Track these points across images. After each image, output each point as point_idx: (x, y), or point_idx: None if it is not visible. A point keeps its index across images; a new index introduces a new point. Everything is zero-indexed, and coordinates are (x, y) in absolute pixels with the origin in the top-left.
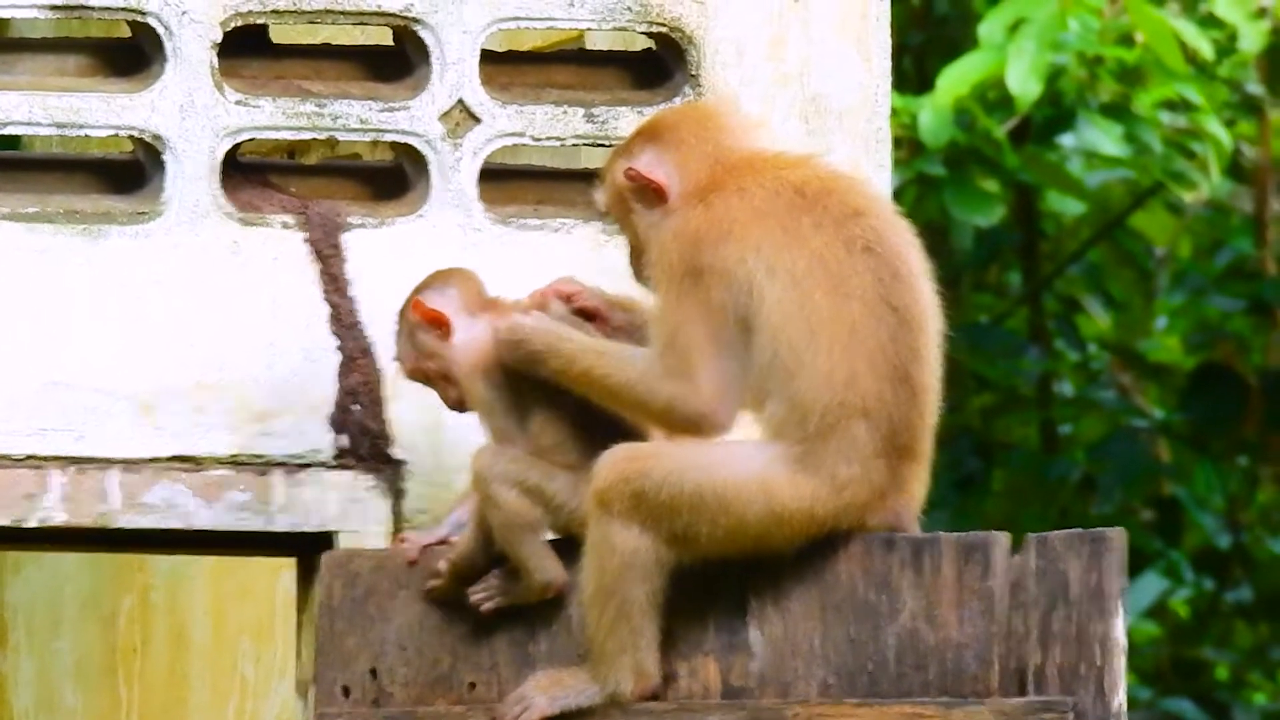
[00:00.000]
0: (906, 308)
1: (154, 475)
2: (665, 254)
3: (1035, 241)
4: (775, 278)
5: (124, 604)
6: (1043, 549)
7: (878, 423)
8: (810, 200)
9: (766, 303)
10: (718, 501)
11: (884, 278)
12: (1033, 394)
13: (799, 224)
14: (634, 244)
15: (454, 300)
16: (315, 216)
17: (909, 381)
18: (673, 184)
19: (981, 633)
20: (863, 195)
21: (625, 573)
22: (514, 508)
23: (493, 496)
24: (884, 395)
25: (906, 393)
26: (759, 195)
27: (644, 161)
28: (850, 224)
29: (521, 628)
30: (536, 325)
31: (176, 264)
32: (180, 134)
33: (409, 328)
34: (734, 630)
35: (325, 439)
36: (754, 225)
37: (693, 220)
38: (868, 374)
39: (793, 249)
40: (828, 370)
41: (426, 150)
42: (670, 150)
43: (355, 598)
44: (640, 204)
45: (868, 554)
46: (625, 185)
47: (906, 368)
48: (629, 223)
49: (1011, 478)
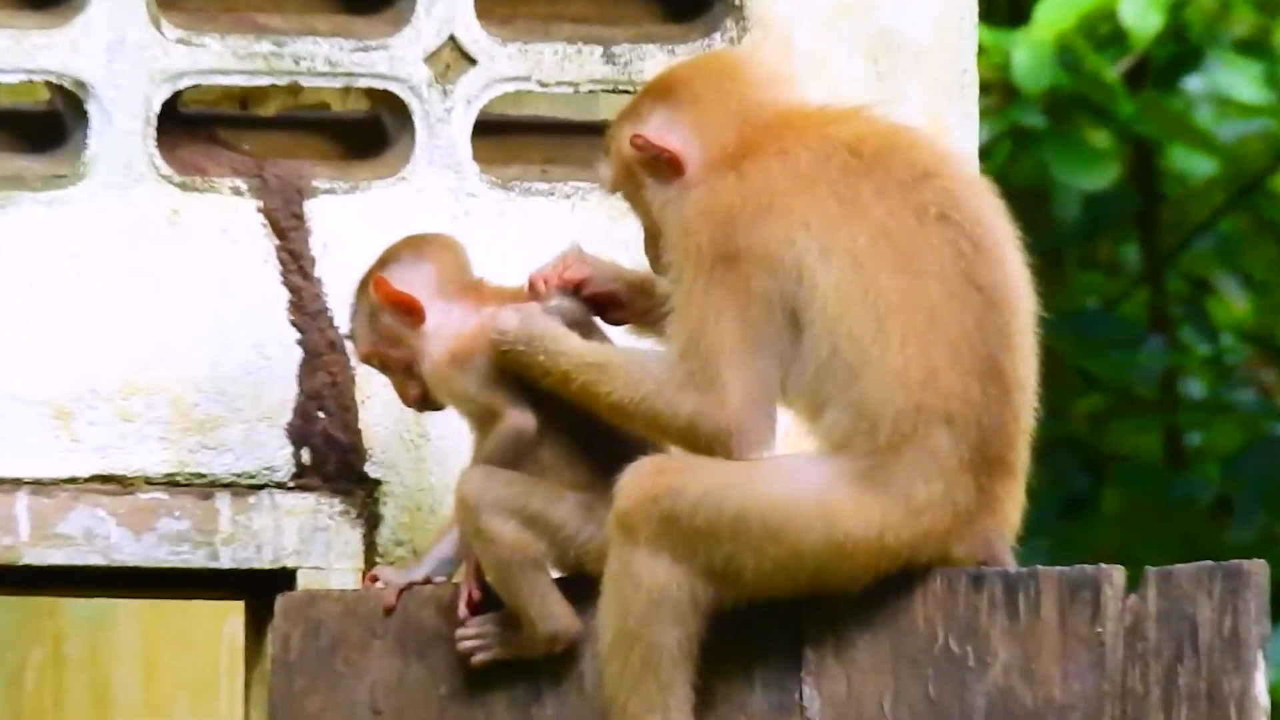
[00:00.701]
0: (994, 285)
1: (70, 499)
2: (690, 235)
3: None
4: (830, 259)
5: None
6: (1165, 586)
7: (963, 429)
8: (868, 161)
9: (821, 290)
10: (765, 527)
11: (965, 250)
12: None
13: (856, 191)
14: (648, 226)
15: (428, 279)
16: (273, 180)
17: (1000, 377)
18: (690, 151)
19: (1091, 691)
20: (932, 152)
21: (653, 613)
22: (511, 542)
23: (484, 530)
24: (970, 394)
25: (998, 390)
26: (804, 158)
27: (654, 126)
28: (920, 187)
29: (524, 685)
30: (523, 329)
31: (102, 237)
32: (108, 79)
33: (369, 306)
34: (785, 688)
35: (282, 454)
36: (801, 196)
37: (723, 193)
38: (950, 369)
39: (851, 222)
40: (900, 367)
41: (410, 98)
42: (685, 110)
43: (318, 649)
44: (653, 177)
45: (950, 593)
46: (633, 156)
47: (997, 359)
48: (640, 201)
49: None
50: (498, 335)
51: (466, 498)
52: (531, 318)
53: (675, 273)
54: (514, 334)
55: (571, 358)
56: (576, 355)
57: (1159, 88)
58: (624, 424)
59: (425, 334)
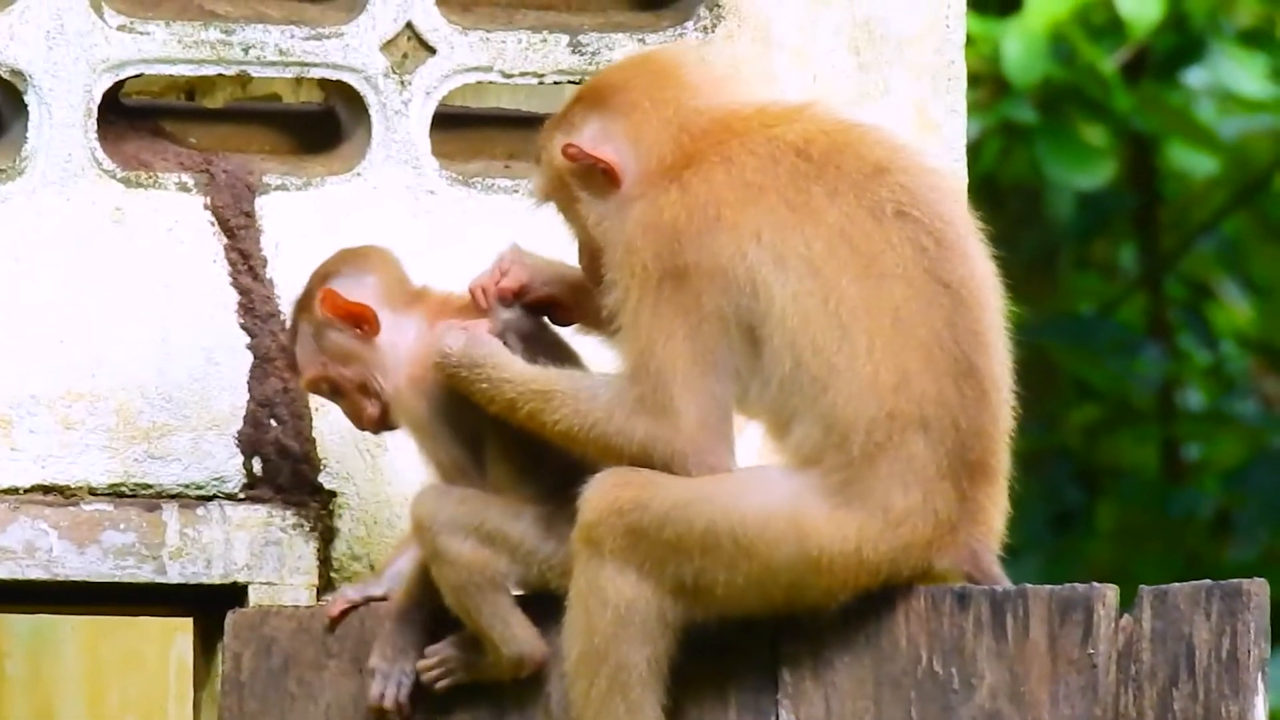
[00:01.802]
0: (961, 281)
1: (10, 511)
2: (633, 253)
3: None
4: (786, 268)
5: None
6: (1161, 606)
7: (940, 434)
8: (818, 162)
9: (778, 302)
10: (736, 542)
11: (927, 246)
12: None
13: (808, 195)
14: (584, 241)
15: (375, 290)
16: (221, 176)
17: (976, 376)
18: (626, 163)
19: (1082, 715)
20: (884, 146)
21: (620, 631)
22: (469, 562)
23: (441, 551)
24: (946, 397)
25: (974, 391)
26: (750, 165)
27: (588, 136)
28: (874, 185)
29: (486, 707)
30: (465, 354)
31: (41, 236)
32: (47, 68)
33: (314, 325)
34: (761, 710)
35: (232, 464)
36: (749, 205)
37: (666, 207)
38: (922, 372)
39: (805, 228)
40: (869, 374)
41: (365, 90)
42: (620, 118)
43: (271, 669)
44: (586, 191)
45: (935, 612)
46: (566, 166)
47: (970, 358)
48: (575, 214)
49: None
50: (440, 358)
51: (422, 519)
52: (475, 342)
53: (620, 292)
54: (456, 358)
55: (516, 385)
56: (521, 382)
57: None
58: (575, 450)
59: (380, 347)
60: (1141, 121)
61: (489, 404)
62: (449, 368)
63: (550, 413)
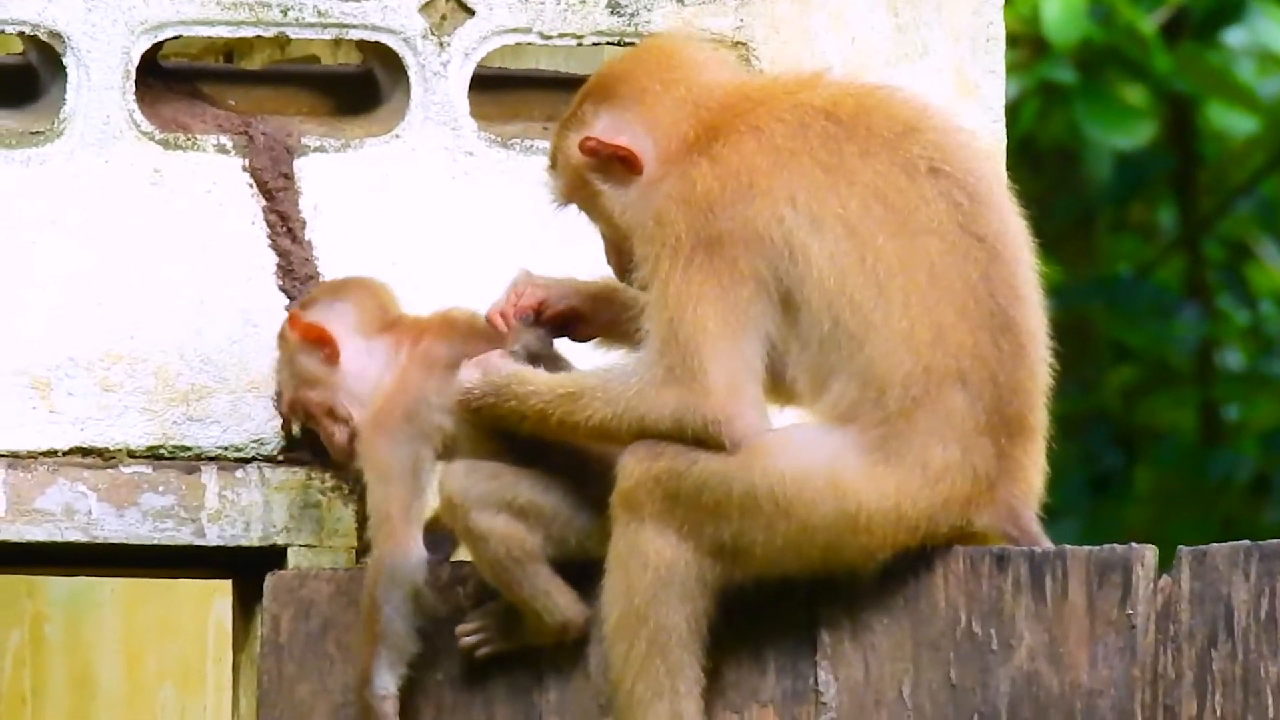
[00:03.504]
0: (995, 235)
1: (49, 473)
2: (665, 226)
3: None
4: (822, 230)
5: (10, 640)
6: (1199, 567)
7: (978, 387)
8: (848, 124)
9: (815, 263)
10: (774, 502)
11: (960, 202)
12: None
13: (841, 156)
14: (609, 235)
15: (345, 317)
16: (260, 138)
17: (1012, 329)
18: (644, 147)
19: (1120, 675)
20: (910, 106)
21: (660, 592)
22: (505, 537)
23: (474, 528)
24: (983, 350)
25: (1010, 344)
26: (780, 132)
27: (602, 128)
28: (906, 143)
29: (525, 671)
30: (487, 382)
31: (80, 198)
32: (85, 30)
33: (288, 351)
34: (800, 673)
35: (271, 426)
36: (782, 171)
37: (698, 180)
38: (959, 325)
39: (839, 188)
40: (905, 329)
41: (404, 51)
42: (631, 107)
43: (309, 632)
44: (607, 183)
45: (973, 574)
46: (584, 163)
47: (1007, 311)
48: (598, 209)
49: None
50: (463, 396)
51: (451, 496)
52: (492, 368)
53: (649, 267)
54: (480, 389)
55: (543, 395)
56: (548, 390)
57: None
58: (611, 444)
59: (345, 372)
60: (1181, 82)
61: (520, 423)
62: (475, 401)
63: (581, 411)
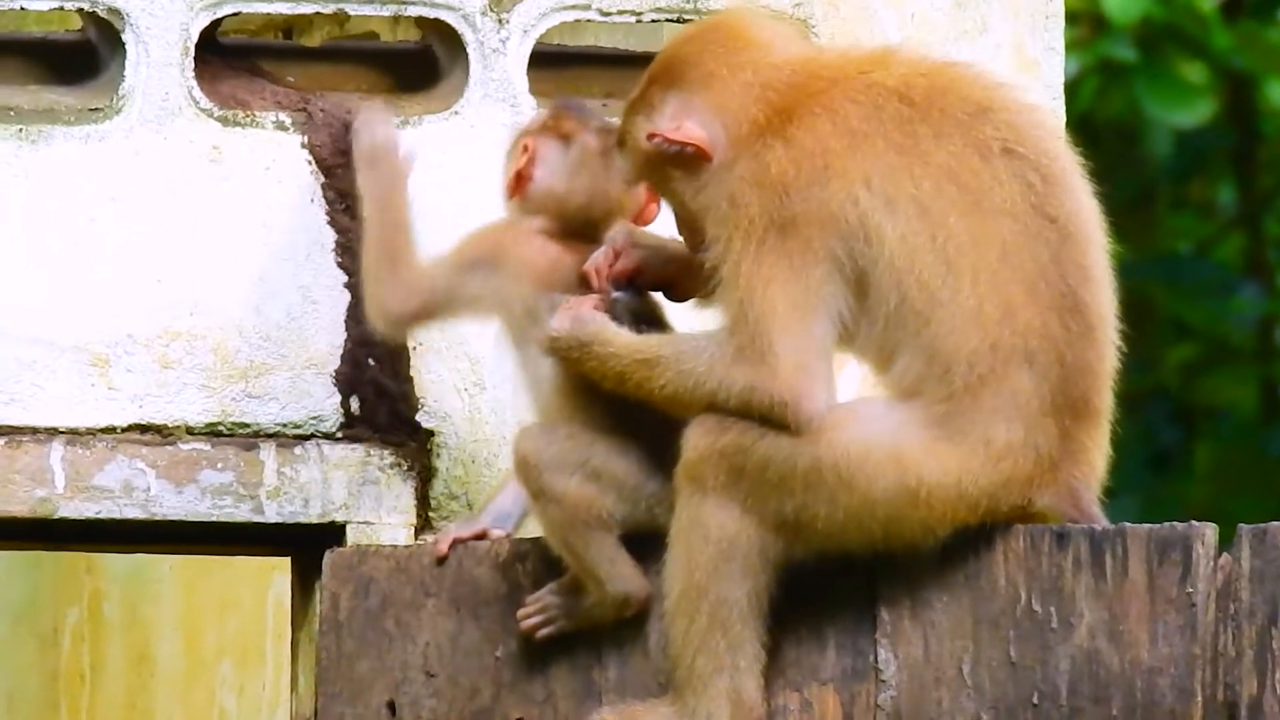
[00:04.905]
0: (1068, 216)
1: (107, 450)
2: (739, 208)
3: (1253, 146)
4: (896, 211)
5: (68, 618)
6: (1260, 545)
7: (1045, 367)
8: (921, 105)
9: (888, 243)
10: (838, 475)
11: (1033, 183)
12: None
13: (915, 138)
14: (680, 214)
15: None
16: (319, 115)
17: (1081, 311)
18: (714, 135)
19: (1180, 654)
20: (983, 86)
21: (722, 566)
22: (576, 500)
23: (547, 489)
24: (1051, 330)
25: (1080, 326)
26: (854, 113)
27: (669, 117)
28: (979, 124)
29: (584, 650)
30: (573, 335)
31: (138, 176)
32: (144, 6)
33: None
34: (860, 650)
35: (330, 403)
36: (856, 152)
37: (773, 163)
38: (1028, 304)
39: (913, 170)
40: (973, 306)
41: (463, 28)
42: (700, 92)
43: (369, 609)
44: (678, 170)
45: (1033, 551)
46: (653, 151)
47: (1077, 292)
48: (671, 191)
49: (1220, 453)
50: (550, 341)
51: (526, 456)
52: (580, 321)
53: (721, 248)
54: (566, 340)
55: (623, 358)
56: (627, 354)
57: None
58: (682, 414)
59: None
60: (1240, 59)
61: (601, 380)
62: (558, 349)
63: (656, 379)
